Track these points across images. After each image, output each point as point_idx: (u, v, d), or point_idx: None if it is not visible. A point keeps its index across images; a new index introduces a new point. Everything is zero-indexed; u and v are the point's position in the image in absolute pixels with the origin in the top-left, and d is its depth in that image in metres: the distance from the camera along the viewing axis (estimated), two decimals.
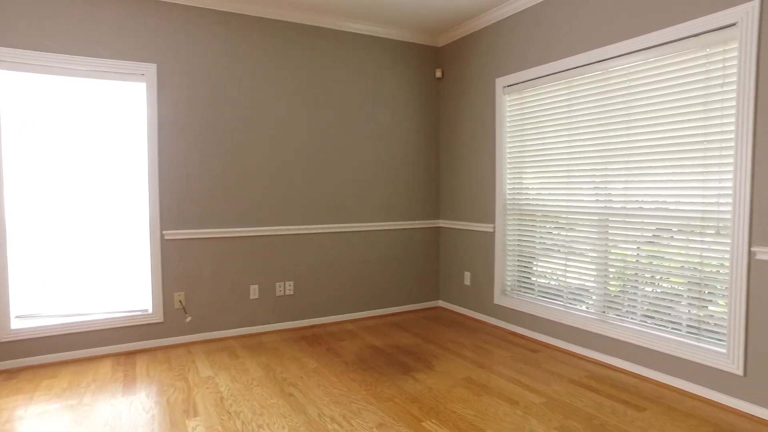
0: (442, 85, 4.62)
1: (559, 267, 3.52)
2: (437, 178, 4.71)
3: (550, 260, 3.59)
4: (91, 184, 3.35)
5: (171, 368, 3.14)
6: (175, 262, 3.59)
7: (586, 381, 2.87)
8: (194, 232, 3.63)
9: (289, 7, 3.80)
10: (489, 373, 3.00)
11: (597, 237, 3.22)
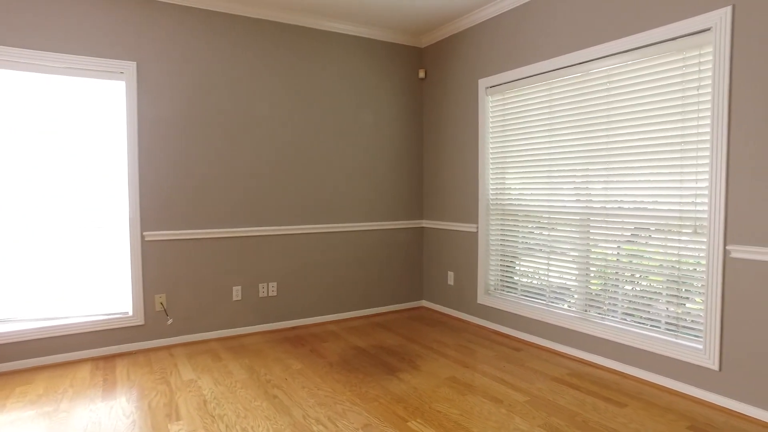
0: (426, 86, 4.64)
1: (542, 266, 3.57)
2: (421, 179, 4.72)
3: (533, 260, 3.64)
4: (69, 185, 3.27)
5: (152, 372, 3.08)
6: (156, 264, 3.53)
7: (569, 379, 2.92)
8: (176, 233, 3.58)
9: (272, 6, 3.77)
10: (473, 372, 3.02)
11: (578, 236, 3.27)
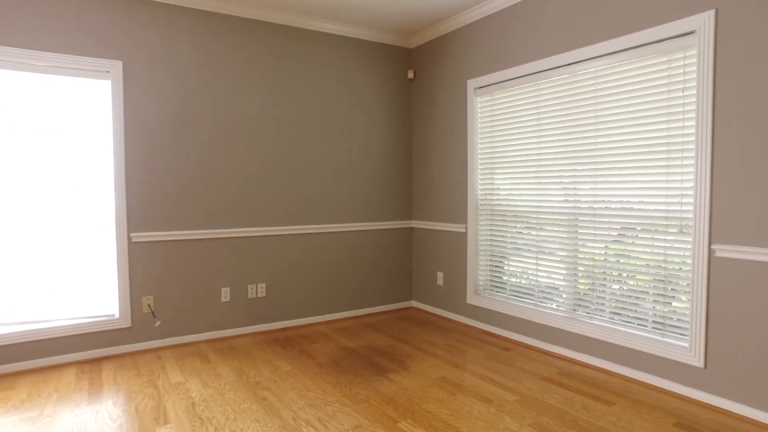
0: (414, 86, 4.64)
1: (530, 266, 3.59)
2: (410, 179, 4.73)
3: (521, 260, 3.66)
4: (55, 185, 3.21)
5: (140, 374, 3.04)
6: (143, 265, 3.49)
7: (558, 378, 2.94)
8: (163, 234, 3.53)
9: (261, 6, 3.75)
10: (463, 373, 3.03)
11: (566, 236, 3.30)
